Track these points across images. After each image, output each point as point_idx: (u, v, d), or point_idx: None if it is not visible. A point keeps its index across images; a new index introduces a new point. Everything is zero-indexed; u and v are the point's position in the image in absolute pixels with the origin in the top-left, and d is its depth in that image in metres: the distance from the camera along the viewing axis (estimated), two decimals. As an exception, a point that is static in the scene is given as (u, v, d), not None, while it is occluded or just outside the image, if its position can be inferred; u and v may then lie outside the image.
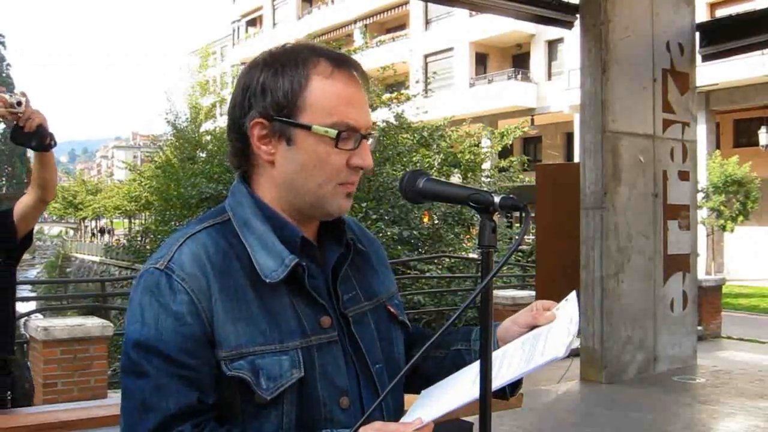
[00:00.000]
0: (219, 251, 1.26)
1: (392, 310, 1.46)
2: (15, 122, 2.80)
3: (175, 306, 1.21)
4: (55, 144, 2.92)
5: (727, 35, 8.14)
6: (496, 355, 1.32)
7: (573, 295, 1.31)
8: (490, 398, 1.18)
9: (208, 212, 1.38)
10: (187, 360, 1.20)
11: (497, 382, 1.23)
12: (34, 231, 3.21)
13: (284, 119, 1.27)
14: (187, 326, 1.21)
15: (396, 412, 1.38)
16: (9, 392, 3.04)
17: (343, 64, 1.30)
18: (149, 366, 1.20)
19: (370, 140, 1.32)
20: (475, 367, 1.34)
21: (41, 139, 2.84)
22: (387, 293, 1.47)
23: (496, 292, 8.97)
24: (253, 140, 1.29)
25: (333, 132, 1.26)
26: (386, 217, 13.57)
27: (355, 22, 35.55)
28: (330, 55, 1.31)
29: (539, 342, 1.25)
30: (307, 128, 1.26)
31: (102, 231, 54.68)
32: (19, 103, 2.76)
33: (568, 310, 1.28)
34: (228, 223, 1.31)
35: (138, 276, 1.28)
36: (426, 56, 32.16)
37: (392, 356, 1.42)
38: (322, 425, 1.25)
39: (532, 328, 1.38)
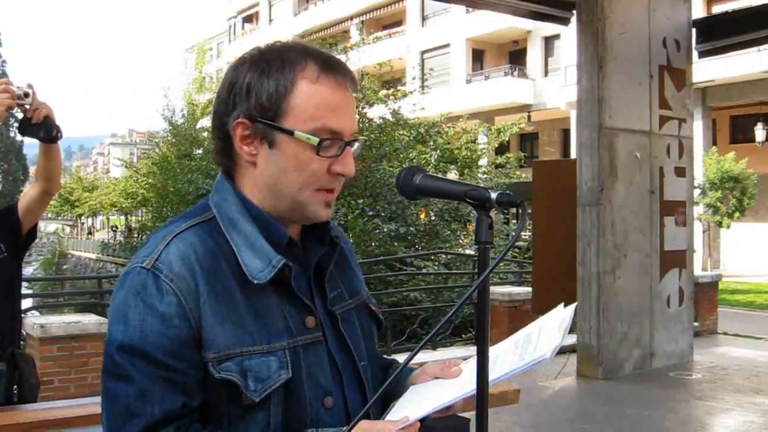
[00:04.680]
0: (207, 251, 1.25)
1: (373, 308, 1.47)
2: (23, 114, 2.83)
3: (162, 307, 1.19)
4: (62, 136, 2.94)
5: (723, 32, 8.15)
6: (491, 356, 1.32)
7: (573, 306, 1.31)
8: (487, 394, 1.18)
9: (191, 209, 1.36)
10: (172, 363, 1.19)
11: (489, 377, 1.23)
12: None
13: (267, 122, 1.25)
14: (174, 328, 1.19)
15: (379, 410, 1.38)
16: (16, 387, 3.06)
17: (331, 67, 1.28)
18: (133, 370, 1.18)
19: (355, 146, 1.31)
20: (462, 364, 1.35)
21: (48, 131, 2.86)
22: (365, 292, 1.48)
23: (492, 289, 8.97)
24: (236, 140, 1.28)
25: (315, 140, 1.24)
26: (383, 214, 13.57)
27: (351, 18, 35.49)
28: (318, 57, 1.28)
29: (531, 343, 1.25)
30: (290, 133, 1.24)
31: (114, 228, 53.63)
32: (26, 95, 2.78)
33: (562, 314, 1.28)
34: (213, 221, 1.29)
35: (123, 275, 1.26)
36: (422, 53, 32.12)
37: (373, 353, 1.43)
38: (308, 425, 1.24)
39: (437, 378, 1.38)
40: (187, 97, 27.87)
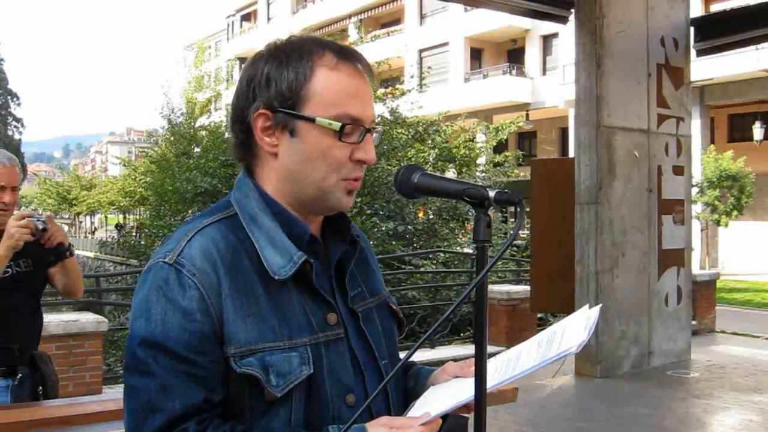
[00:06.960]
0: (229, 246, 1.25)
1: (393, 307, 1.48)
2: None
3: (184, 302, 1.20)
4: (72, 254, 3.10)
5: (721, 30, 8.15)
6: (510, 356, 1.33)
7: (598, 307, 1.31)
8: (485, 394, 1.18)
9: (213, 206, 1.36)
10: (194, 358, 1.19)
11: (508, 374, 1.24)
12: None
13: (288, 111, 1.26)
14: (196, 323, 1.19)
15: (401, 408, 1.38)
16: (40, 387, 3.09)
17: (349, 56, 1.29)
18: (155, 364, 1.18)
19: (374, 135, 1.31)
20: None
21: (59, 254, 3.04)
22: (385, 291, 1.48)
23: (491, 287, 8.98)
24: (257, 132, 1.28)
25: (337, 125, 1.25)
26: (381, 212, 13.57)
27: (349, 17, 35.45)
28: (335, 47, 1.30)
29: (555, 340, 1.26)
30: (311, 120, 1.25)
31: (118, 226, 53.17)
32: (44, 230, 2.94)
33: (587, 314, 1.28)
34: (235, 218, 1.30)
35: (145, 270, 1.26)
36: (421, 51, 32.10)
37: (395, 352, 1.43)
38: (329, 423, 1.24)
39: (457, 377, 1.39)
40: (186, 95, 27.82)
